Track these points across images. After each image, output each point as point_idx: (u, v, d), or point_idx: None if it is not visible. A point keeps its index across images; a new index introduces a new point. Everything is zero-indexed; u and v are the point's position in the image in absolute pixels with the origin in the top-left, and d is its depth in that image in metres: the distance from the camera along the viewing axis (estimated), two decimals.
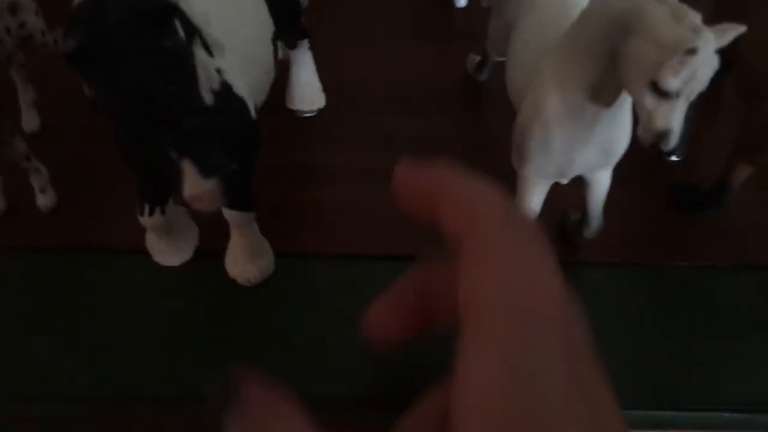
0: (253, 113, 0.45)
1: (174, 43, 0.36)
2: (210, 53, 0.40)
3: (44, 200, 0.60)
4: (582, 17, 0.45)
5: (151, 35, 0.34)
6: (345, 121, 0.69)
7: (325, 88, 0.70)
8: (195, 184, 0.36)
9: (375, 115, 0.70)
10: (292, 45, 0.63)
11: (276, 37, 0.53)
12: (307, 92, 0.67)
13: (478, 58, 0.71)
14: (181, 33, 0.36)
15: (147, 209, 0.51)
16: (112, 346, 0.53)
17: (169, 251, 0.56)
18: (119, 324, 0.54)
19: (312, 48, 0.67)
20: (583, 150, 0.48)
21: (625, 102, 0.46)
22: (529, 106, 0.49)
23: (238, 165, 0.43)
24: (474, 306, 0.20)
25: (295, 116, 0.69)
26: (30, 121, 0.65)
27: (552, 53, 0.48)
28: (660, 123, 0.40)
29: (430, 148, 0.67)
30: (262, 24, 0.50)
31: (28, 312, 0.55)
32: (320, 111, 0.70)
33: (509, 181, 0.63)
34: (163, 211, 0.51)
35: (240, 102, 0.43)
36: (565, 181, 0.53)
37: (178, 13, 0.34)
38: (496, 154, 0.66)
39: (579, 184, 0.54)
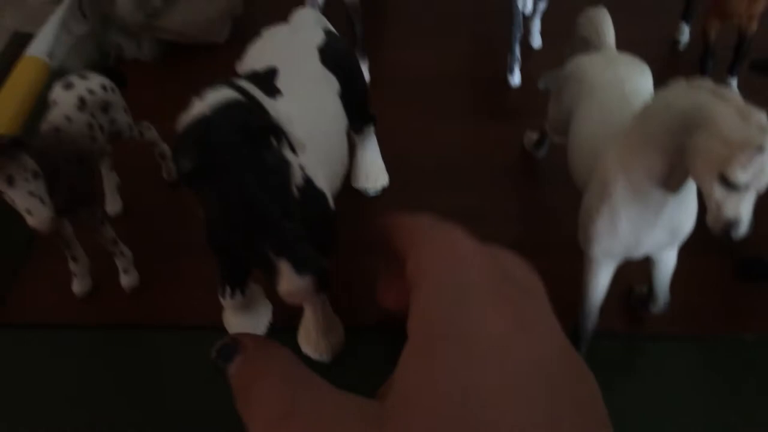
0: (332, 204, 0.48)
1: (274, 157, 0.39)
2: (294, 151, 0.43)
3: (128, 280, 0.63)
4: (645, 112, 0.47)
5: (254, 153, 0.38)
6: (406, 197, 0.72)
7: (387, 165, 0.73)
8: (291, 282, 0.38)
9: (434, 190, 0.72)
10: (359, 130, 0.66)
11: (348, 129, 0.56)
12: (373, 171, 0.70)
13: (535, 136, 0.73)
14: (275, 142, 0.39)
15: (229, 291, 0.53)
16: (188, 418, 0.55)
17: (245, 328, 0.58)
18: (194, 396, 0.56)
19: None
20: (650, 232, 0.50)
21: (691, 185, 0.48)
22: (596, 190, 0.51)
23: (326, 260, 0.45)
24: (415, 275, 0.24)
25: (360, 195, 0.72)
26: (113, 204, 0.69)
27: (617, 141, 0.50)
28: (729, 213, 0.41)
29: (489, 222, 0.69)
30: (338, 119, 0.54)
31: (110, 385, 0.58)
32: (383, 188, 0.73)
33: (566, 255, 0.65)
34: (243, 292, 0.54)
35: (321, 194, 0.46)
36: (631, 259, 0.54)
37: (278, 130, 0.37)
38: (552, 228, 0.68)
39: (645, 259, 0.56)
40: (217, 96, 0.41)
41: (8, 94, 0.72)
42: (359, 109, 0.58)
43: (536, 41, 0.87)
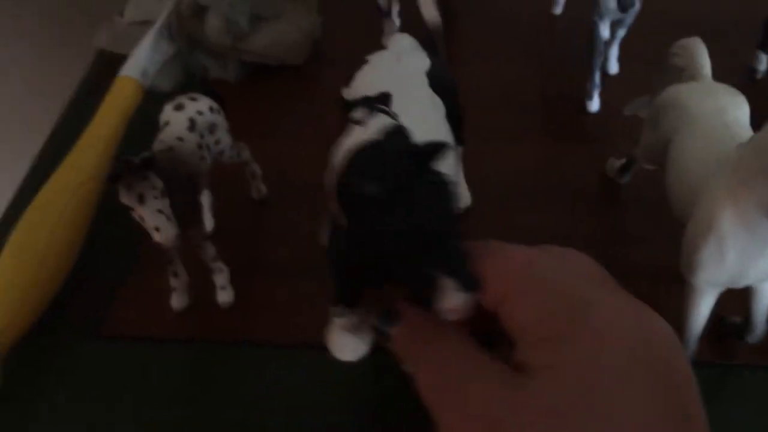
0: None
1: (440, 178, 0.41)
2: None
3: (224, 297, 0.65)
4: (756, 143, 0.48)
5: (425, 174, 0.40)
6: (481, 217, 0.73)
7: (468, 186, 0.74)
8: (455, 298, 0.40)
9: (509, 211, 0.73)
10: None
11: None
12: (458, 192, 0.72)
13: (619, 163, 0.74)
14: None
15: (341, 311, 0.55)
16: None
17: (348, 348, 0.59)
18: (288, 412, 0.58)
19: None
20: (757, 262, 0.50)
21: None
22: (703, 219, 0.51)
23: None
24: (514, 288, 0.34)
25: None
26: (207, 223, 0.71)
27: (724, 171, 0.50)
28: None
29: (568, 245, 0.69)
30: (448, 140, 0.55)
31: (201, 400, 0.59)
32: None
33: (653, 284, 0.65)
34: (353, 312, 0.55)
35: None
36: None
37: (437, 152, 0.39)
38: (634, 255, 0.68)
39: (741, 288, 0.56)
40: (381, 122, 0.43)
41: (107, 112, 0.74)
42: (455, 131, 0.60)
43: (613, 68, 0.88)
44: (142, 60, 0.81)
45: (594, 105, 0.84)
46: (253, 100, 0.86)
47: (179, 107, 0.61)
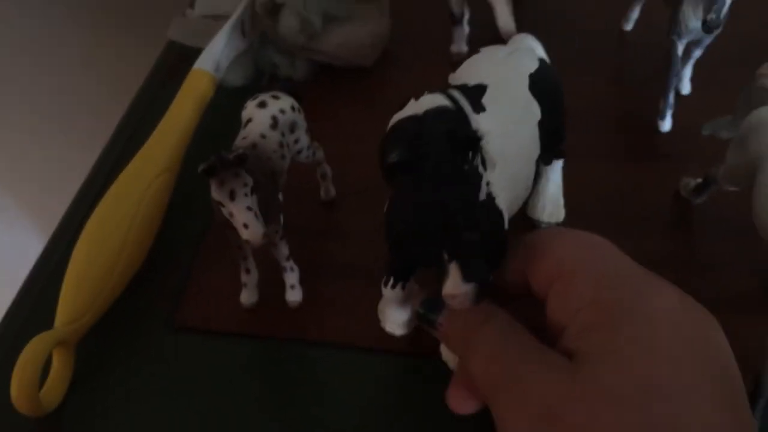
0: (506, 224, 0.48)
1: (470, 167, 0.41)
2: (484, 166, 0.44)
3: (294, 296, 0.65)
4: None
5: (455, 159, 0.40)
6: None
7: None
8: (456, 286, 0.41)
9: (589, 229, 0.72)
10: (548, 161, 0.67)
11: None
12: (551, 206, 0.71)
13: (694, 182, 0.73)
14: (472, 154, 0.40)
15: (392, 282, 0.55)
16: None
17: (397, 320, 0.59)
18: (353, 412, 0.58)
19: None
20: None
21: None
22: None
23: (490, 274, 0.46)
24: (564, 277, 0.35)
25: (534, 224, 0.72)
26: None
27: None
28: None
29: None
30: (532, 146, 0.54)
31: (265, 397, 0.59)
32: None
33: (731, 311, 0.64)
34: (403, 287, 0.55)
35: (499, 214, 0.47)
36: None
37: (478, 143, 0.39)
38: (712, 280, 0.67)
39: None
40: (431, 100, 0.43)
41: (181, 104, 0.75)
42: (554, 142, 0.59)
43: (686, 88, 0.87)
44: (216, 54, 0.81)
45: (666, 125, 0.83)
46: (319, 100, 0.86)
47: (262, 105, 0.61)
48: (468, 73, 0.55)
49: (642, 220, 0.74)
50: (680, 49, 0.80)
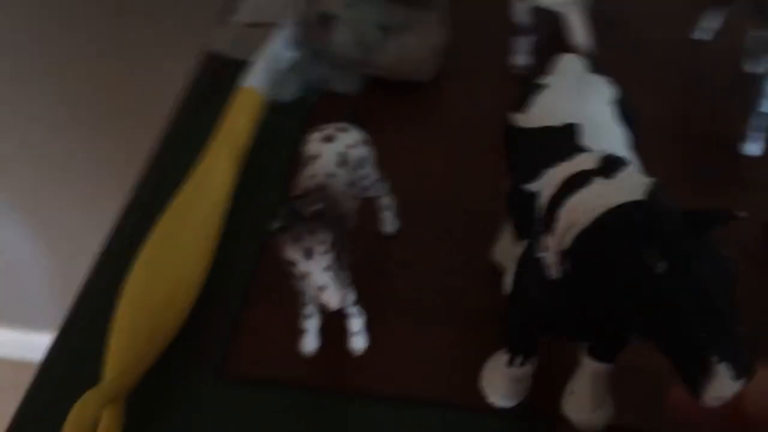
0: None
1: (715, 247, 0.36)
2: None
3: (358, 343, 0.60)
4: None
5: (703, 243, 0.35)
6: None
7: None
8: (724, 386, 0.35)
9: None
10: None
11: None
12: None
13: None
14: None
15: (520, 361, 0.51)
16: None
17: (509, 394, 0.55)
18: None
19: None
20: None
21: None
22: None
23: None
24: None
25: None
26: None
27: None
28: None
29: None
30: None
31: None
32: None
33: None
34: (527, 362, 0.51)
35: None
36: None
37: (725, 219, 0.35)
38: None
39: None
40: (637, 179, 0.38)
41: (233, 127, 0.69)
42: None
43: (766, 106, 0.80)
44: (266, 69, 0.76)
45: (755, 148, 0.76)
46: (376, 118, 0.80)
47: (329, 139, 0.55)
48: (546, 113, 0.49)
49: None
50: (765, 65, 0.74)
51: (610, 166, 0.39)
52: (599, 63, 0.66)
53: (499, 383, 0.55)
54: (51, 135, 1.39)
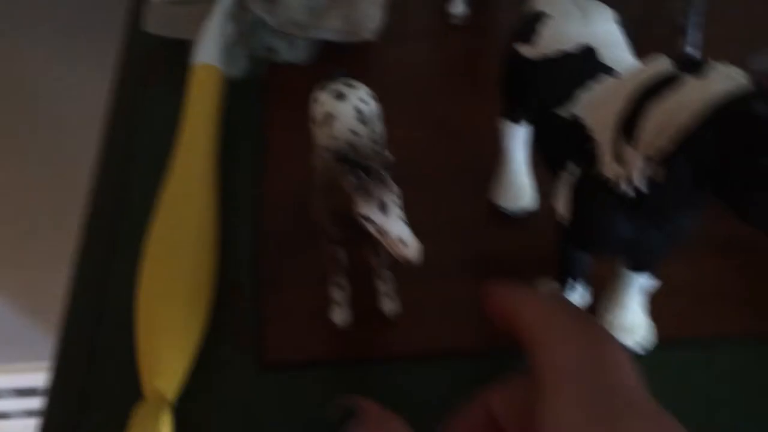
0: None
1: None
2: None
3: (391, 306, 0.58)
4: None
5: None
6: None
7: None
8: None
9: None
10: None
11: None
12: None
13: None
14: None
15: (570, 282, 0.52)
16: None
17: None
18: None
19: None
20: None
21: None
22: None
23: None
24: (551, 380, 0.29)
25: None
26: None
27: None
28: None
29: None
30: None
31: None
32: None
33: None
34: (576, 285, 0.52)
35: None
36: None
37: None
38: None
39: None
40: (734, 72, 0.35)
41: (199, 106, 0.65)
42: None
43: None
44: (214, 44, 0.71)
45: None
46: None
47: (341, 96, 0.53)
48: (556, 40, 0.49)
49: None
50: None
51: (695, 65, 0.38)
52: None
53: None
54: None
